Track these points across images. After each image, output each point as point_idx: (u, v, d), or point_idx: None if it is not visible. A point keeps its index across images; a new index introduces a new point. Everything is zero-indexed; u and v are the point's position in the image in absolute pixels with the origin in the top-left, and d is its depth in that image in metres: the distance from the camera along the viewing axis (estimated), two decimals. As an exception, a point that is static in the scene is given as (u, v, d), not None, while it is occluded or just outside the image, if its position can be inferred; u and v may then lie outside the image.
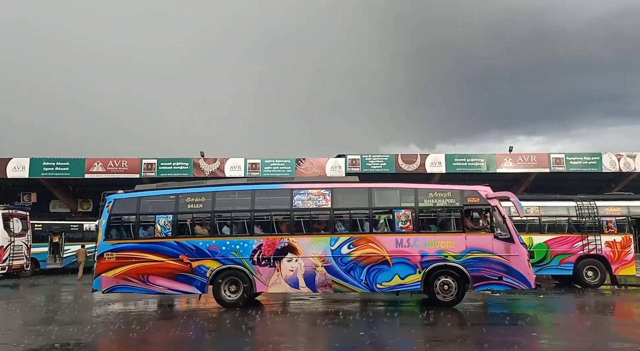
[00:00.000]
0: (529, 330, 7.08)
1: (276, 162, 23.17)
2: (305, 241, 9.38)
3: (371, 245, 9.15)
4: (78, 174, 22.42)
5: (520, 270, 8.69)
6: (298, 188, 9.73)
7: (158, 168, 22.54)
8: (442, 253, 8.93)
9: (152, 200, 9.94)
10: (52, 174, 22.45)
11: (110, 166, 22.47)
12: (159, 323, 8.24)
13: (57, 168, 22.37)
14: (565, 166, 22.06)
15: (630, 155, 21.63)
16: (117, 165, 22.49)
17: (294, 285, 9.30)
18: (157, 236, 9.53)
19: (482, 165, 22.60)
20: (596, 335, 6.99)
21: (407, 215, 9.19)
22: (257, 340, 6.87)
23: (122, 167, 22.49)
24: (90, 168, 22.36)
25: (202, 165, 22.72)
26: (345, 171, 22.63)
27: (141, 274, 9.36)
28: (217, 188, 10.04)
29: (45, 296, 13.10)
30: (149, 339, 6.97)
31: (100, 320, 8.53)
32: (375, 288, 9.09)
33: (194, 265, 9.40)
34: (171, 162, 22.82)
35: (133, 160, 22.57)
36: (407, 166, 22.75)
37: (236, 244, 9.50)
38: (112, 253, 9.44)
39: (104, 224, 9.62)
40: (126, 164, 22.47)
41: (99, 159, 22.59)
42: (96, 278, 9.42)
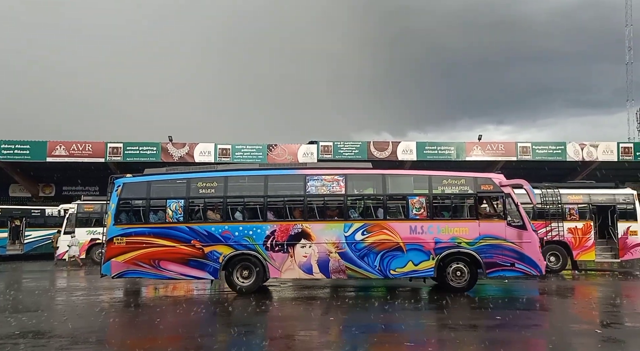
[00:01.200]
0: (493, 314, 7.60)
1: (247, 148, 23.47)
2: (319, 227, 9.66)
3: (385, 232, 9.50)
4: (39, 157, 22.04)
5: (532, 257, 9.16)
6: (311, 174, 9.95)
7: (124, 153, 22.48)
8: (456, 239, 9.32)
9: (163, 184, 10.03)
10: (11, 157, 22.02)
11: (74, 149, 22.23)
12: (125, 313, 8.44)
13: (17, 151, 21.97)
14: (531, 155, 23.33)
15: (593, 145, 22.97)
16: (81, 148, 22.26)
17: (308, 271, 9.63)
18: (168, 221, 9.65)
19: (452, 153, 23.63)
20: (556, 317, 7.59)
21: (421, 202, 9.54)
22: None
23: (86, 150, 22.31)
24: (52, 152, 22.02)
25: (170, 149, 22.79)
26: (317, 157, 23.14)
27: (152, 259, 9.52)
28: (230, 173, 10.19)
29: (5, 283, 13.14)
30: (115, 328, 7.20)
31: (63, 308, 8.79)
32: (388, 274, 9.46)
33: (206, 251, 9.60)
34: (138, 146, 22.78)
35: (98, 144, 22.41)
36: (379, 153, 23.48)
37: (249, 230, 9.77)
38: (122, 238, 9.55)
39: (114, 208, 9.69)
40: (90, 148, 22.30)
41: (62, 142, 22.24)
42: (106, 263, 9.53)
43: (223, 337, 6.47)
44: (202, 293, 10.66)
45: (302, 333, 6.69)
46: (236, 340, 6.21)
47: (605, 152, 22.98)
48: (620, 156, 22.82)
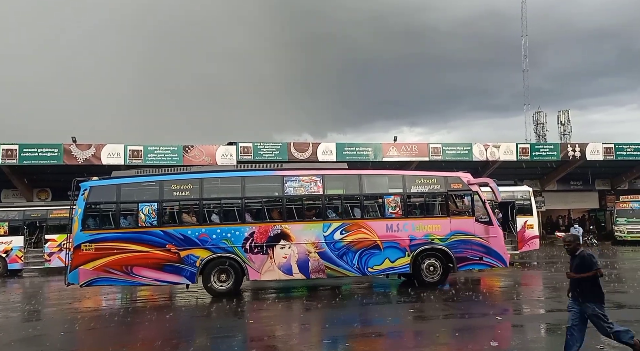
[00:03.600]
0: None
1: (161, 149, 23.51)
2: (298, 227, 10.39)
3: (363, 231, 10.47)
4: None
5: (498, 250, 10.58)
6: (289, 175, 10.63)
7: (20, 155, 21.58)
8: (429, 236, 10.50)
9: (133, 187, 10.12)
10: None
11: None
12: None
13: None
14: (442, 155, 26.18)
15: (495, 145, 26.44)
16: None
17: (288, 271, 10.37)
18: (140, 225, 9.80)
19: (370, 154, 25.78)
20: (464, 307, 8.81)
21: (396, 200, 10.67)
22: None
23: None
24: None
25: (74, 151, 22.19)
26: (236, 159, 23.77)
27: (124, 265, 9.60)
28: (205, 174, 10.53)
29: None
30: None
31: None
32: (367, 272, 10.42)
33: (182, 255, 9.90)
34: (36, 148, 22.01)
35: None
36: (300, 154, 24.88)
37: (227, 232, 10.26)
38: (91, 244, 9.54)
39: (80, 213, 9.62)
40: None
41: None
42: (72, 271, 9.47)
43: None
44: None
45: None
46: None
47: (506, 152, 26.24)
48: (518, 156, 26.37)
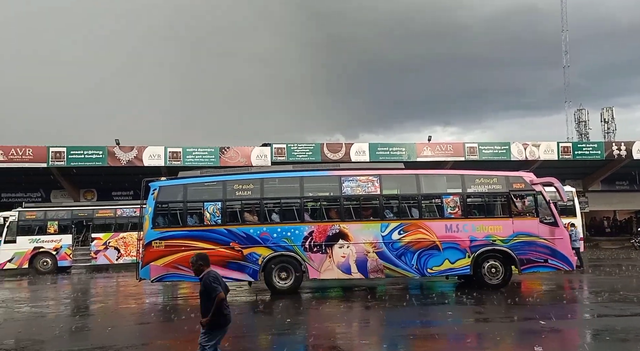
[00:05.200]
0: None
1: (198, 151, 25.05)
2: (356, 227, 10.95)
3: (421, 231, 10.91)
4: None
5: (564, 253, 10.72)
6: (346, 175, 11.16)
7: (68, 157, 23.30)
8: (491, 237, 10.79)
9: (199, 187, 10.92)
10: None
11: (13, 154, 22.77)
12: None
13: None
14: (478, 154, 26.57)
15: (535, 144, 26.46)
16: (21, 153, 22.88)
17: (346, 271, 10.91)
18: (206, 223, 10.59)
19: (404, 154, 26.33)
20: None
21: (455, 201, 11.04)
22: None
23: (27, 155, 22.92)
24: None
25: (117, 153, 23.83)
26: (270, 160, 24.98)
27: None
28: (265, 175, 11.23)
29: None
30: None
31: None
32: (426, 272, 10.82)
33: (245, 253, 10.66)
34: (83, 151, 23.71)
35: (39, 148, 23.03)
36: (333, 155, 25.87)
37: (287, 231, 10.94)
38: (161, 242, 10.39)
39: (151, 212, 10.46)
40: (31, 152, 22.91)
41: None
42: (144, 267, 10.34)
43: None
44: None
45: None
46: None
47: (547, 152, 26.29)
48: (560, 155, 26.39)
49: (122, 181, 26.49)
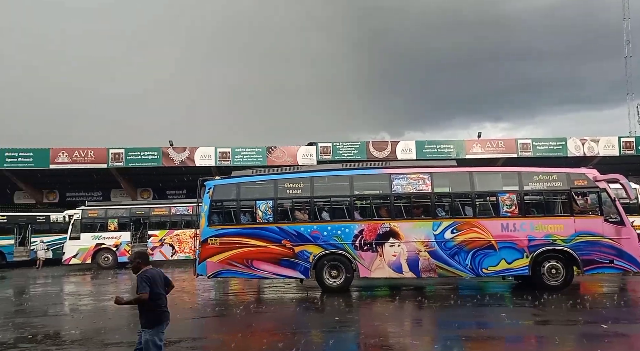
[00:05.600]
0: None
1: (247, 151, 25.76)
2: (407, 226, 10.80)
3: (475, 230, 10.60)
4: (42, 164, 24.15)
5: (632, 253, 10.09)
6: (396, 173, 11.06)
7: (126, 158, 24.65)
8: (551, 237, 10.33)
9: (251, 186, 11.18)
10: (14, 165, 24.08)
11: (76, 156, 24.34)
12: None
13: (21, 158, 24.07)
14: (532, 151, 25.52)
15: (594, 140, 25.04)
16: (84, 154, 24.42)
17: (398, 270, 10.78)
18: (258, 221, 10.82)
19: (452, 151, 25.93)
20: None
21: (512, 199, 10.63)
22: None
23: (89, 156, 24.47)
24: (55, 159, 24.18)
25: (171, 154, 24.97)
26: (316, 159, 25.27)
27: (245, 259, 10.68)
28: (315, 173, 11.30)
29: (14, 289, 14.86)
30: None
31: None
32: (480, 273, 10.51)
33: (296, 250, 10.80)
34: (139, 151, 24.95)
35: (99, 150, 24.53)
36: (378, 153, 25.78)
37: (337, 229, 10.97)
38: (216, 239, 10.73)
39: (206, 210, 10.82)
40: (92, 154, 24.44)
41: (64, 149, 24.34)
42: (201, 263, 10.71)
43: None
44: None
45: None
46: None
47: (607, 147, 24.96)
48: (622, 150, 24.87)
49: (175, 180, 27.51)
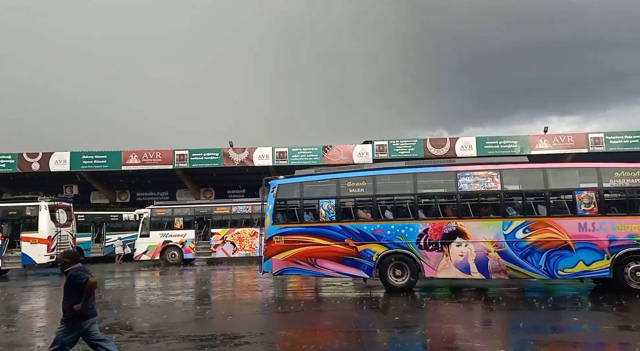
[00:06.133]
0: None
1: (303, 150, 25.86)
2: (475, 225, 10.43)
3: (550, 229, 10.03)
4: (115, 166, 25.58)
5: None
6: (463, 170, 10.70)
7: (190, 159, 25.53)
8: (635, 237, 9.59)
9: (314, 184, 11.28)
10: (91, 167, 25.71)
11: (145, 158, 25.53)
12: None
13: (96, 161, 25.62)
14: (604, 146, 23.45)
15: None
16: (152, 156, 25.58)
17: (465, 270, 10.43)
18: (321, 220, 10.89)
19: (516, 147, 24.41)
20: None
21: (590, 196, 9.96)
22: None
23: (156, 158, 25.59)
24: (126, 161, 25.51)
25: (231, 154, 25.56)
26: (372, 157, 24.79)
27: (309, 257, 10.79)
28: (378, 172, 11.18)
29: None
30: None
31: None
32: (556, 274, 9.94)
33: (359, 249, 10.74)
34: (202, 153, 25.75)
35: (166, 152, 25.65)
36: (437, 150, 24.89)
37: (401, 228, 10.78)
38: (281, 237, 10.92)
39: (271, 209, 11.05)
40: (160, 155, 25.58)
41: (134, 151, 25.66)
42: (267, 260, 10.96)
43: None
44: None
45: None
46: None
47: None
48: None
49: (235, 180, 28.23)
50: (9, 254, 17.94)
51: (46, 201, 18.28)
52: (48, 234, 17.95)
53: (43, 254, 17.83)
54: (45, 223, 17.99)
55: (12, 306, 11.31)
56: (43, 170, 25.16)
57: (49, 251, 17.96)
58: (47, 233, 17.91)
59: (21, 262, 17.74)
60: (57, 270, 20.20)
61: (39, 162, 25.14)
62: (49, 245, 17.97)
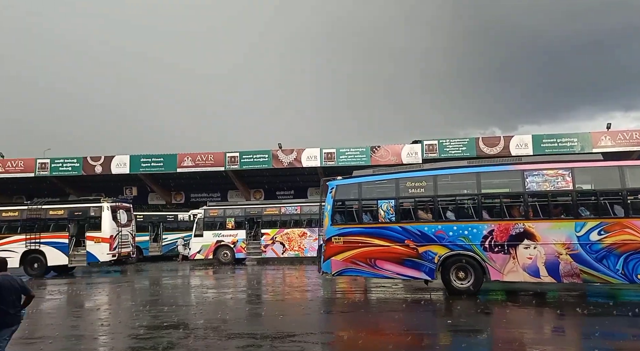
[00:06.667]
0: None
1: (351, 151, 25.46)
2: (544, 226, 9.84)
3: (628, 231, 9.28)
4: (171, 168, 26.48)
5: None
6: (531, 169, 10.11)
7: (240, 161, 25.87)
8: None
9: (373, 185, 11.07)
10: (148, 169, 26.74)
11: (199, 160, 26.14)
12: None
13: (153, 163, 26.57)
14: None
15: None
16: (205, 159, 26.16)
17: (534, 274, 9.82)
18: (381, 221, 10.65)
19: (576, 145, 23.09)
20: None
21: None
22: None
23: (209, 160, 26.12)
24: (181, 163, 26.29)
25: (280, 156, 25.59)
26: (421, 157, 24.03)
27: (369, 258, 10.58)
28: (439, 171, 10.80)
29: (150, 281, 16.25)
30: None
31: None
32: (635, 279, 9.19)
33: (420, 251, 10.40)
34: (252, 155, 26.00)
35: (218, 154, 26.15)
36: (489, 149, 23.86)
37: (464, 229, 10.32)
38: (339, 238, 10.77)
39: (330, 209, 10.93)
40: (212, 158, 26.13)
41: (189, 154, 26.38)
42: (326, 261, 10.84)
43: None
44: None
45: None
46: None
47: None
48: None
49: (283, 181, 28.37)
50: (75, 252, 18.74)
51: (108, 202, 19.03)
52: (110, 234, 18.64)
53: (106, 253, 18.51)
54: (108, 223, 18.67)
55: (78, 302, 11.93)
56: (105, 173, 26.53)
57: (111, 250, 18.66)
58: (109, 232, 18.60)
59: (86, 259, 18.41)
60: (119, 267, 21.04)
61: (102, 165, 26.53)
62: (111, 244, 18.66)
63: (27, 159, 26.87)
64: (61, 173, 26.84)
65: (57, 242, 18.39)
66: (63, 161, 26.71)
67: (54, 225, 18.73)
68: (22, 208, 19.02)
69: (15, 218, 18.79)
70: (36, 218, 18.57)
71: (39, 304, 11.24)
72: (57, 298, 12.36)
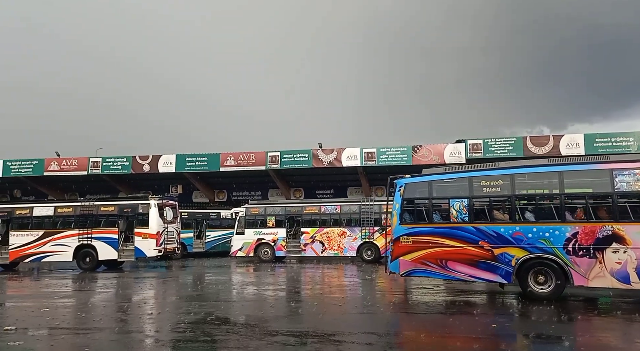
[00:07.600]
0: None
1: (392, 150, 24.56)
2: (636, 229, 8.91)
3: None
4: (214, 167, 26.33)
5: None
6: (621, 168, 9.24)
7: (281, 160, 25.44)
8: None
9: (444, 184, 10.42)
10: (193, 168, 26.72)
11: (241, 159, 25.90)
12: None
13: (197, 162, 26.52)
14: None
15: None
16: (247, 158, 25.90)
17: (624, 280, 8.89)
18: (452, 221, 9.98)
19: (632, 144, 21.70)
20: None
21: None
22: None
23: (251, 159, 25.83)
24: (224, 162, 26.11)
25: (320, 155, 24.98)
26: (465, 157, 23.04)
27: (439, 259, 9.92)
28: (516, 170, 10.02)
29: (193, 276, 16.25)
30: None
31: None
32: None
33: (496, 253, 9.62)
34: (292, 154, 25.50)
35: (259, 153, 25.88)
36: (538, 149, 22.57)
37: (545, 231, 9.45)
38: (408, 237, 10.15)
39: (398, 209, 10.36)
40: (254, 157, 25.85)
41: (231, 153, 26.23)
42: (393, 261, 10.26)
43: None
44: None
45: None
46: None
47: None
48: None
49: (323, 181, 27.87)
50: (124, 248, 18.72)
51: (155, 199, 19.00)
52: (157, 230, 18.59)
53: (152, 248, 18.44)
54: (155, 220, 18.60)
55: (127, 295, 11.86)
56: (152, 171, 26.80)
57: (157, 246, 18.62)
58: (156, 229, 18.54)
59: (134, 254, 18.27)
60: (165, 263, 20.84)
61: (149, 163, 26.79)
62: (158, 240, 18.61)
63: (81, 158, 27.44)
64: (112, 172, 27.35)
65: (108, 237, 18.46)
66: (114, 160, 27.20)
67: (105, 221, 18.87)
68: (75, 205, 19.24)
69: (69, 214, 19.01)
70: (88, 214, 18.70)
71: (91, 297, 11.45)
72: (107, 291, 12.57)
